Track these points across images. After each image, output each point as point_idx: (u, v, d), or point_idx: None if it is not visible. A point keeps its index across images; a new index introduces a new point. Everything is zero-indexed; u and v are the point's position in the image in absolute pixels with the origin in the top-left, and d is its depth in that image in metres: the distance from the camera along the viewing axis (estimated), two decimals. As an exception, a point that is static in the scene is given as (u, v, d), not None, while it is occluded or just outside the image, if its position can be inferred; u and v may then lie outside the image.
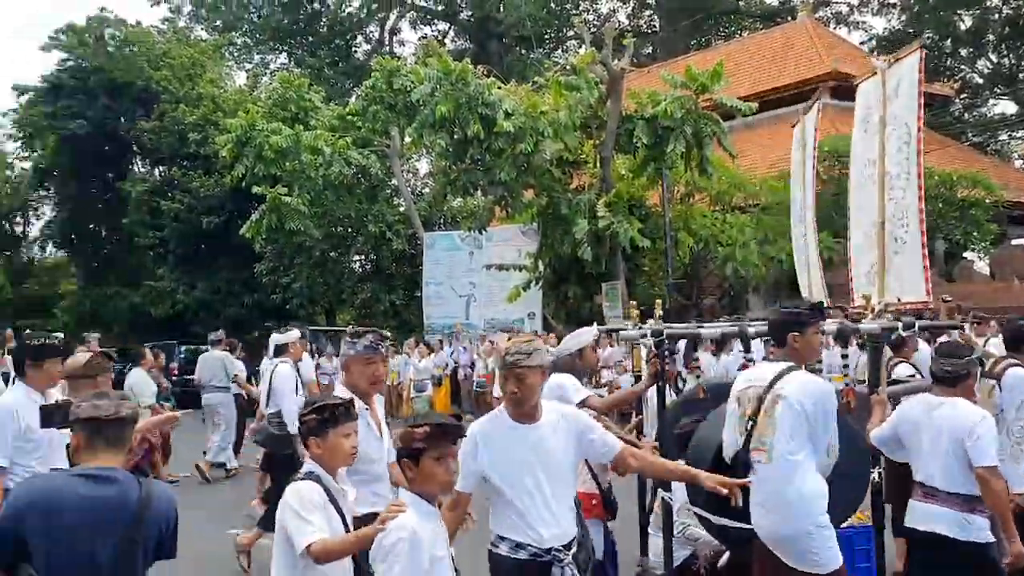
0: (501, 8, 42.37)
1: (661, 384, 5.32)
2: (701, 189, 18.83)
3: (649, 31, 45.18)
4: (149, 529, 2.94)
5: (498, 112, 16.20)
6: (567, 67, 18.05)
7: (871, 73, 8.81)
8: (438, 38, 43.93)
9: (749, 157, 21.00)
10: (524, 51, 42.68)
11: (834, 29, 36.51)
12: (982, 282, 20.95)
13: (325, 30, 46.74)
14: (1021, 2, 33.44)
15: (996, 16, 34.38)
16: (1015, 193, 21.90)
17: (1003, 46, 35.50)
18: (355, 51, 47.66)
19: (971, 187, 19.07)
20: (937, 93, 26.14)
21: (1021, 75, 35.03)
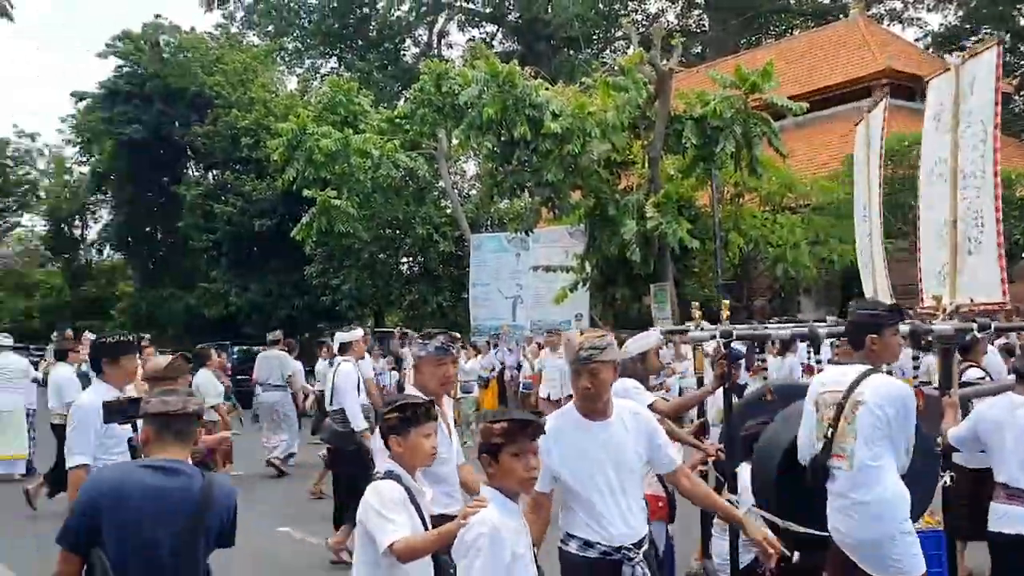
0: (549, 9, 42.33)
1: (728, 386, 5.23)
2: (751, 189, 18.60)
3: (698, 30, 44.81)
4: (211, 519, 3.09)
5: (545, 113, 16.18)
6: (615, 67, 17.96)
7: (943, 69, 8.65)
8: (486, 40, 44.07)
9: (800, 157, 20.71)
10: (572, 52, 42.58)
11: (887, 26, 35.87)
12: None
13: (374, 34, 47.16)
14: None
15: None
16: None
17: (1064, 41, 34.55)
18: (404, 54, 48.01)
19: (1031, 186, 18.59)
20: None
21: (1084, 71, 34.05)
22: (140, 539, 2.96)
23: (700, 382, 6.22)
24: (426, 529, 3.37)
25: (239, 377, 18.32)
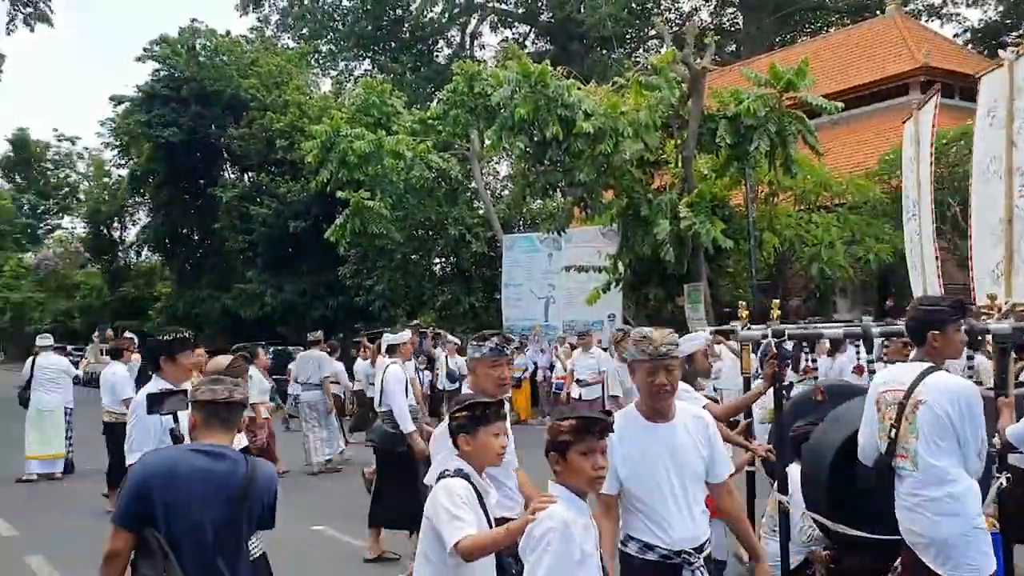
0: (582, 9, 42.27)
1: (779, 386, 5.17)
2: (785, 188, 18.43)
3: (732, 29, 44.49)
4: (253, 501, 3.27)
5: (577, 113, 16.14)
6: (648, 67, 17.88)
7: (995, 65, 8.51)
8: (519, 41, 44.11)
9: (835, 155, 20.47)
10: (605, 51, 42.47)
11: (925, 22, 35.37)
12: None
13: (407, 36, 47.40)
14: None
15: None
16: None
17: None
18: (436, 56, 48.21)
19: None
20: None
21: None
22: (190, 518, 3.13)
23: (747, 383, 6.13)
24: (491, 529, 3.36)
25: (274, 377, 18.49)
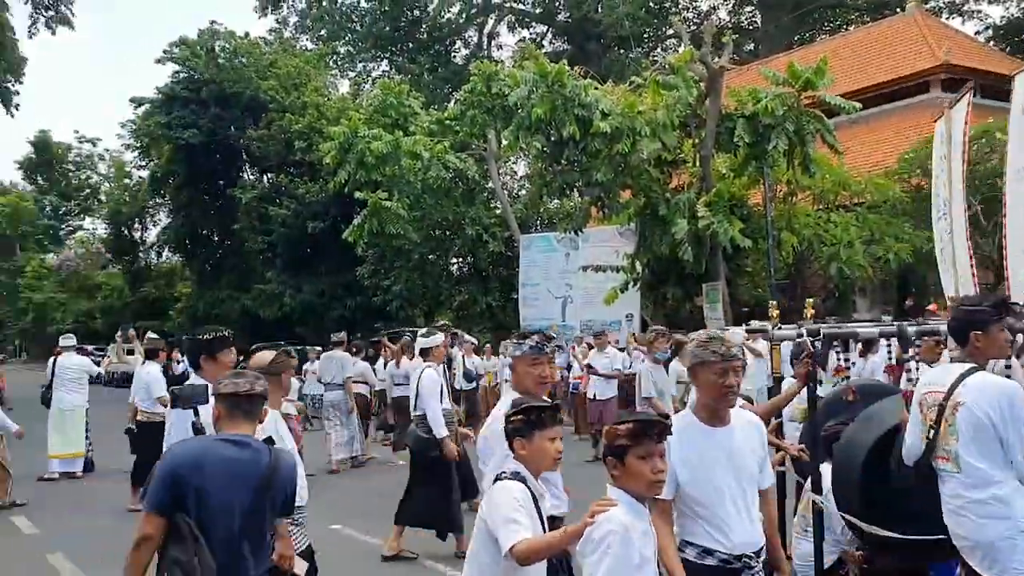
0: (599, 9, 42.22)
1: (812, 386, 5.14)
2: (804, 188, 18.33)
3: (750, 27, 44.31)
4: (276, 490, 3.44)
5: (595, 113, 16.12)
6: (665, 66, 17.84)
7: None
8: (536, 40, 44.11)
9: (854, 154, 20.35)
10: (622, 51, 42.40)
11: (946, 19, 35.07)
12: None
13: (425, 36, 47.53)
14: None
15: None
16: None
17: None
18: (454, 56, 48.29)
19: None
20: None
21: None
22: (218, 504, 3.29)
23: (777, 382, 6.07)
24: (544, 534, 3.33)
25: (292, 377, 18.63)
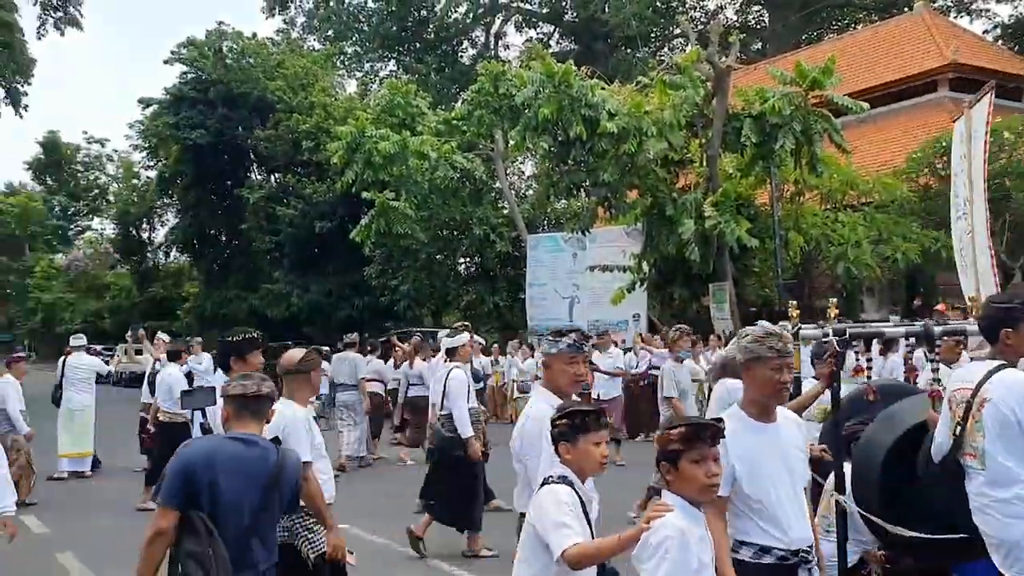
0: (606, 9, 42.20)
1: (836, 385, 5.14)
2: (811, 187, 18.31)
3: (758, 26, 44.22)
4: (283, 485, 3.58)
5: (601, 113, 16.13)
6: (672, 66, 17.84)
7: None
8: (543, 40, 44.09)
9: (862, 153, 20.30)
10: (629, 51, 42.36)
11: (954, 18, 34.95)
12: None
13: (432, 36, 47.55)
14: None
15: None
16: None
17: None
18: (461, 56, 48.32)
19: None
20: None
21: None
22: (229, 499, 3.40)
23: (798, 382, 6.04)
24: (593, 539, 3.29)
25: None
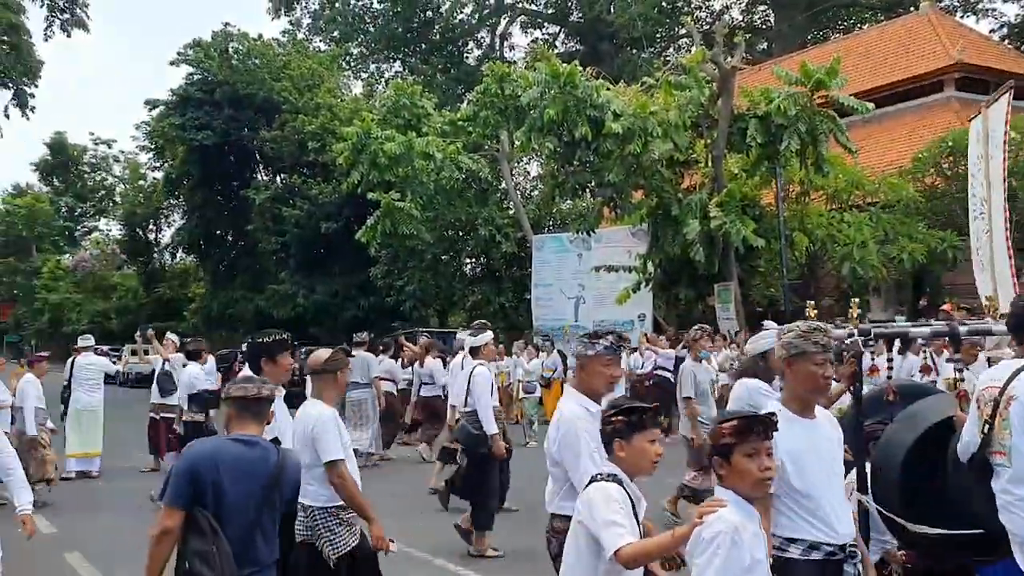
0: (612, 9, 42.20)
1: (858, 386, 5.14)
2: (817, 187, 18.30)
3: (764, 27, 44.17)
4: (284, 485, 3.69)
5: (606, 113, 16.15)
6: (677, 66, 17.85)
7: None
8: (548, 41, 44.12)
9: (868, 153, 20.28)
10: (635, 51, 42.36)
11: (961, 18, 34.87)
12: None
13: (437, 37, 47.60)
14: None
15: None
16: None
17: None
18: (466, 57, 48.36)
19: None
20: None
21: None
22: (232, 498, 3.51)
23: None
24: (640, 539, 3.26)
25: (304, 377, 18.67)
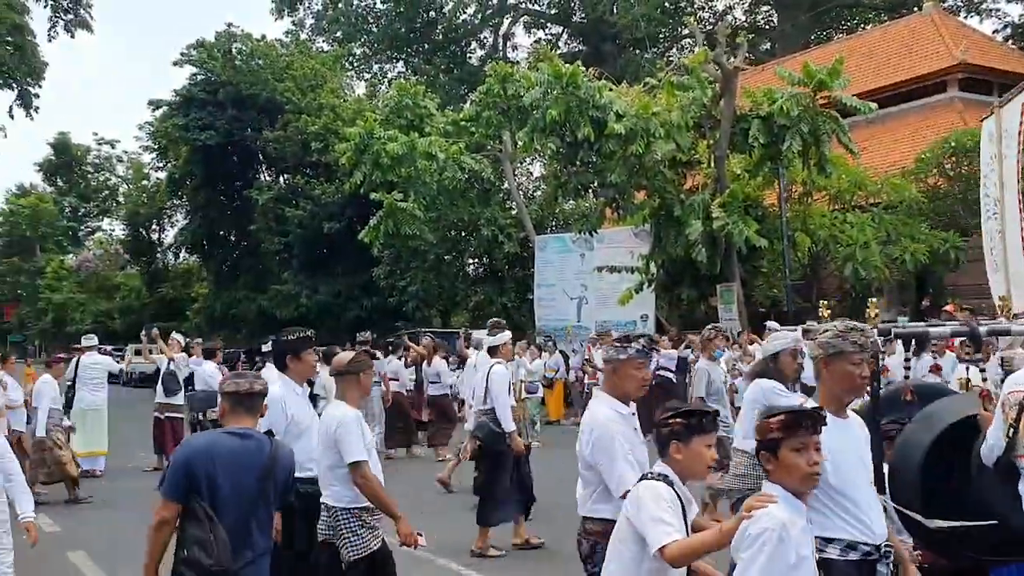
0: (614, 10, 42.20)
1: (876, 386, 5.13)
2: (820, 188, 18.30)
3: (767, 27, 44.14)
4: (277, 475, 3.82)
5: (609, 114, 16.16)
6: (679, 67, 17.85)
7: None
8: (551, 41, 44.13)
9: (871, 154, 20.26)
10: (638, 52, 42.35)
11: (964, 18, 34.82)
12: None
13: (440, 37, 47.62)
14: None
15: None
16: None
17: None
18: (469, 57, 48.37)
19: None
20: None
21: None
22: (227, 488, 3.65)
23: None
24: None
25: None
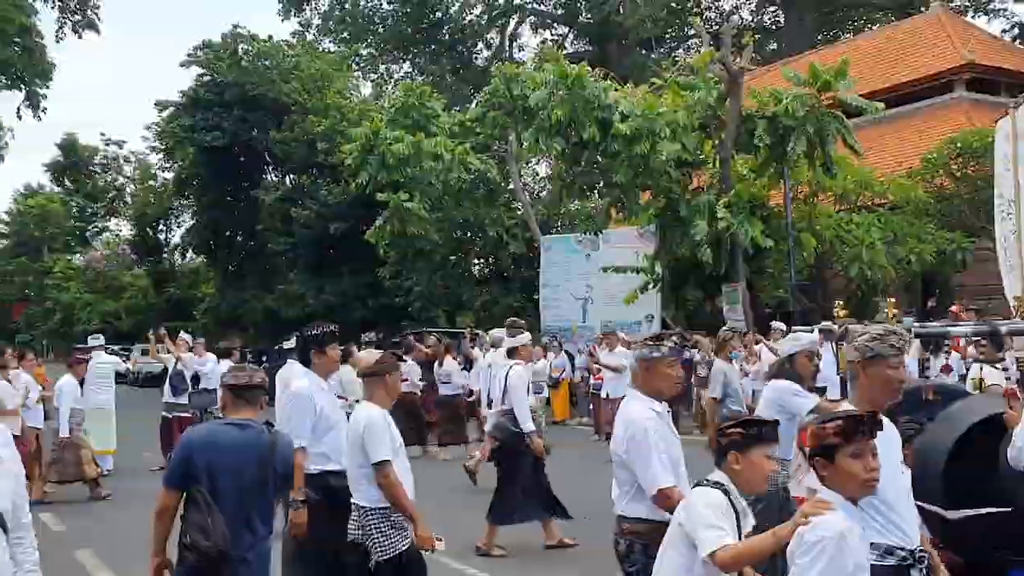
0: (621, 10, 42.18)
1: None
2: (826, 188, 18.27)
3: (773, 27, 44.10)
4: (277, 464, 3.93)
5: (614, 115, 16.16)
6: (685, 67, 17.85)
7: None
8: (557, 42, 44.13)
9: (877, 154, 20.23)
10: (644, 52, 42.33)
11: (971, 18, 34.74)
12: None
13: (447, 38, 47.67)
14: None
15: None
16: None
17: None
18: (475, 58, 48.42)
19: None
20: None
21: None
22: (227, 477, 3.78)
23: (844, 383, 6.00)
24: None
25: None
